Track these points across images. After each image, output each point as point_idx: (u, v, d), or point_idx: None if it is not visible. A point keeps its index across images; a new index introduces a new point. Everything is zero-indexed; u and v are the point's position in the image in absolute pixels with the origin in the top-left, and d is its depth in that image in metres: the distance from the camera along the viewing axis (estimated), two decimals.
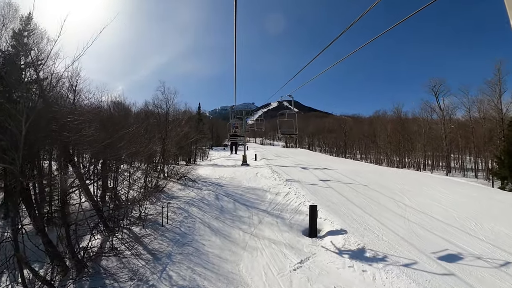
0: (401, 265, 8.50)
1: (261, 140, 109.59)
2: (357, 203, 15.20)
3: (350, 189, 18.27)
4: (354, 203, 15.17)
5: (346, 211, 13.90)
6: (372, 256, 9.28)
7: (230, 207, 14.92)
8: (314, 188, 17.93)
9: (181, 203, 15.50)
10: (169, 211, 14.20)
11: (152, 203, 16.93)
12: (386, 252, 9.43)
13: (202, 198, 16.19)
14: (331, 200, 15.30)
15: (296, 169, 26.68)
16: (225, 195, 16.83)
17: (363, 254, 9.49)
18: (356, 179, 21.85)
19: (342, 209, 14.01)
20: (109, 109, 22.82)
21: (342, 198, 15.96)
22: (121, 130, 21.37)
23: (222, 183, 20.19)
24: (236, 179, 21.84)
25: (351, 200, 15.53)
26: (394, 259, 8.83)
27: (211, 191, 17.65)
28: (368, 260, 9.07)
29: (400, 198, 16.80)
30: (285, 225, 12.63)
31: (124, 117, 21.74)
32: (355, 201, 15.46)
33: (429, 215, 13.70)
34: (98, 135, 18.38)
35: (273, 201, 15.77)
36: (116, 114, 22.49)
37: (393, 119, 43.05)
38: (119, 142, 19.34)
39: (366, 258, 9.22)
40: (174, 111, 26.33)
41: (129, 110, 28.76)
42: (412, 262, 8.66)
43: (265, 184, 19.58)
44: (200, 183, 20.33)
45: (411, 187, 20.18)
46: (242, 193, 17.34)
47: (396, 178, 24.20)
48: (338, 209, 13.98)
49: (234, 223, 12.86)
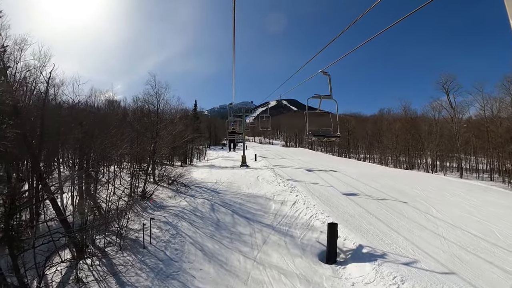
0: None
1: (260, 139, 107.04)
2: (379, 215, 12.80)
3: (367, 197, 15.87)
4: (375, 215, 12.78)
5: (368, 227, 11.51)
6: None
7: (228, 220, 12.45)
8: (325, 196, 15.51)
9: (170, 215, 13.00)
10: (154, 227, 11.71)
11: (137, 214, 14.44)
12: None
13: (195, 209, 13.68)
14: (349, 212, 12.89)
15: (300, 172, 24.25)
16: (222, 204, 14.35)
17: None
18: (370, 184, 19.47)
19: (364, 225, 11.61)
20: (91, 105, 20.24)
21: (360, 209, 13.55)
22: (104, 129, 18.88)
23: (219, 189, 17.69)
24: (235, 183, 19.36)
25: (372, 212, 13.13)
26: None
27: (206, 200, 15.15)
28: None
29: (424, 207, 14.48)
30: (296, 246, 10.20)
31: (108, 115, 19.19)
32: (376, 213, 13.07)
33: (465, 231, 11.44)
34: (73, 134, 15.97)
35: (279, 213, 13.33)
36: (100, 111, 19.90)
37: (401, 117, 40.68)
38: (101, 142, 16.82)
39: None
40: (166, 107, 23.80)
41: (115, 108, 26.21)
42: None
43: (268, 190, 17.13)
44: (194, 189, 17.82)
45: (432, 193, 17.90)
46: (242, 202, 14.88)
47: (411, 182, 21.84)
48: (359, 225, 11.58)
49: (233, 244, 10.40)
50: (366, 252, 9.48)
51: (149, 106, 22.06)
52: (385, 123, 46.46)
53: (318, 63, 8.07)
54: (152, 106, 21.87)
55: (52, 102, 16.71)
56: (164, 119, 23.11)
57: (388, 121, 45.30)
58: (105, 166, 18.11)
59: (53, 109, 15.82)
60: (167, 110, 23.47)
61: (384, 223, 11.98)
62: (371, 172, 26.52)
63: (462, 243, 10.21)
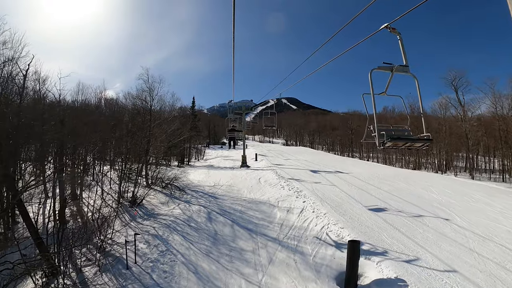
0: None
1: (260, 137, 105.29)
2: (400, 226, 11.18)
3: (381, 202, 14.25)
4: (396, 226, 11.15)
5: (390, 240, 9.88)
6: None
7: (227, 233, 10.79)
8: (336, 202, 13.88)
9: (160, 226, 11.34)
10: (142, 241, 10.07)
11: (125, 224, 12.79)
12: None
13: (189, 219, 12.01)
14: (365, 223, 11.25)
15: (305, 173, 22.62)
16: (220, 212, 12.68)
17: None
18: (383, 187, 17.87)
19: (384, 238, 9.99)
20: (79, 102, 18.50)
21: (377, 218, 11.92)
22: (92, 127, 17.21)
23: (217, 194, 16.02)
24: (235, 187, 17.71)
25: (391, 222, 11.50)
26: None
27: (202, 207, 13.47)
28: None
29: (447, 215, 12.90)
30: (308, 266, 8.56)
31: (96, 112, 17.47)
32: (396, 223, 11.44)
33: (498, 244, 9.88)
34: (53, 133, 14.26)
35: (285, 223, 11.68)
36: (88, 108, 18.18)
37: (409, 116, 38.88)
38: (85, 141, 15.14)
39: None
40: (160, 103, 21.89)
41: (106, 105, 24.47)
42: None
43: (271, 195, 15.47)
44: (189, 194, 16.14)
45: (451, 198, 16.33)
46: (243, 209, 13.22)
47: (425, 184, 20.21)
48: (379, 238, 9.96)
49: (233, 263, 8.76)
50: (395, 278, 7.87)
51: (141, 102, 20.29)
52: (392, 122, 44.74)
53: (317, 61, 7.85)
54: (145, 103, 20.11)
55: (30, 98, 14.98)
56: (158, 116, 21.33)
57: (394, 119, 43.60)
58: (88, 168, 16.45)
59: (31, 106, 14.12)
60: (161, 107, 21.59)
61: (407, 236, 10.37)
62: (380, 173, 24.87)
63: (498, 260, 8.66)
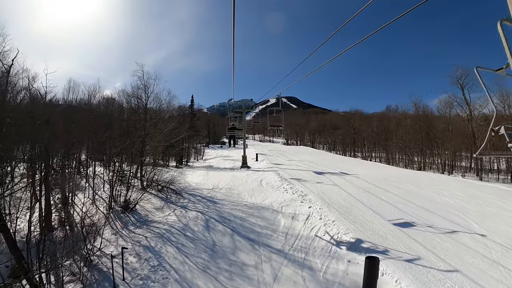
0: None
1: (260, 137, 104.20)
2: (415, 235, 10.15)
3: (393, 208, 13.23)
4: (412, 235, 10.14)
5: (407, 252, 8.87)
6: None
7: (226, 243, 9.77)
8: (344, 208, 12.85)
9: (153, 236, 10.32)
10: (132, 253, 9.05)
11: (115, 232, 11.76)
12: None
13: (185, 227, 10.98)
14: (378, 232, 10.23)
15: (308, 174, 21.60)
16: (219, 219, 11.64)
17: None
18: (392, 190, 16.84)
19: (401, 249, 8.97)
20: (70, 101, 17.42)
21: (391, 227, 10.90)
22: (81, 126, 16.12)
23: (216, 198, 14.99)
24: (235, 190, 16.69)
25: (406, 231, 10.47)
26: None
27: (200, 213, 12.44)
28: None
29: (463, 222, 11.89)
30: (319, 285, 7.55)
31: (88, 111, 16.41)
32: (411, 232, 10.43)
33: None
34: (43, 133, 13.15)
35: (291, 232, 10.66)
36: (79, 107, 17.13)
37: (412, 115, 37.99)
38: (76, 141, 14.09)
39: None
40: (156, 101, 20.68)
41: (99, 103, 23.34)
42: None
43: (274, 199, 14.45)
44: (186, 198, 15.12)
45: (464, 202, 15.31)
46: (244, 215, 12.19)
47: (435, 187, 19.20)
48: (396, 250, 8.95)
49: (233, 281, 7.75)
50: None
51: (136, 100, 19.18)
52: (394, 121, 43.76)
53: (317, 60, 7.83)
54: (140, 101, 18.99)
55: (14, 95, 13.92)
56: (154, 115, 20.22)
57: (397, 119, 42.58)
58: (79, 170, 15.41)
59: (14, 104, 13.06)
60: (157, 105, 20.42)
61: (425, 247, 9.35)
62: (386, 174, 23.85)
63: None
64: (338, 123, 70.57)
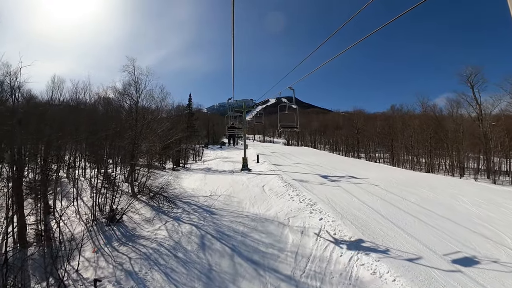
0: None
1: (261, 137, 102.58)
2: (450, 254, 8.54)
3: (417, 221, 11.58)
4: (444, 255, 8.51)
5: (441, 278, 7.28)
6: None
7: (225, 268, 8.13)
8: (361, 220, 11.21)
9: (138, 257, 8.68)
10: (112, 281, 7.42)
11: (97, 250, 10.13)
12: None
13: (176, 245, 9.34)
14: (403, 249, 8.60)
15: (314, 178, 19.98)
16: (216, 235, 10.01)
17: None
18: (408, 197, 15.23)
19: (436, 276, 7.37)
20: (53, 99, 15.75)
21: (417, 244, 9.28)
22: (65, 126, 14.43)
23: (214, 207, 13.36)
24: (235, 197, 15.07)
25: (436, 249, 8.81)
26: None
27: (195, 227, 10.79)
28: None
29: (494, 235, 10.28)
30: None
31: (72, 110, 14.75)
32: (442, 250, 8.79)
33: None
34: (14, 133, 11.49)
35: (301, 251, 9.04)
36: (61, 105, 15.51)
37: (420, 115, 36.39)
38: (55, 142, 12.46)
39: None
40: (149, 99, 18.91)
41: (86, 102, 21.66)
42: None
43: (279, 208, 12.84)
44: (180, 207, 13.48)
45: (488, 211, 13.72)
46: (246, 230, 10.55)
47: (452, 192, 17.59)
48: (428, 277, 7.33)
49: None
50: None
51: (127, 97, 17.45)
52: (399, 121, 42.12)
53: (316, 60, 7.86)
54: (131, 98, 17.27)
55: None
56: (148, 114, 18.54)
57: (403, 119, 40.95)
58: (58, 176, 13.78)
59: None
60: (149, 103, 18.68)
61: (463, 273, 7.74)
62: (397, 177, 22.24)
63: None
64: (339, 123, 69.03)
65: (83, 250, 10.46)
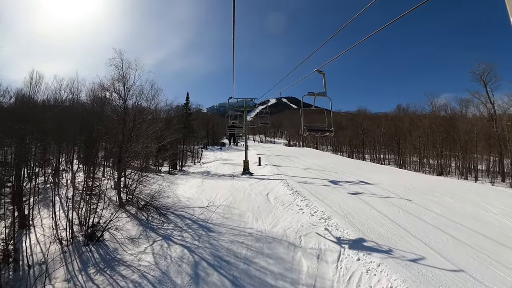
0: None
1: (261, 137, 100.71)
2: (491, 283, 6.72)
3: (449, 238, 9.74)
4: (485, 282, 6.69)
5: None
6: None
7: None
8: (386, 238, 9.35)
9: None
10: None
11: (69, 278, 8.29)
12: None
13: (162, 277, 7.49)
14: (446, 282, 6.78)
15: (322, 184, 18.19)
16: (213, 263, 8.16)
17: None
18: (431, 207, 13.32)
19: None
20: None
21: (464, 275, 7.46)
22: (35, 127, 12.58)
23: (212, 221, 11.52)
24: (236, 209, 13.24)
25: (482, 279, 7.02)
26: None
27: (187, 250, 8.94)
28: None
29: None
30: None
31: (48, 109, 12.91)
32: (486, 277, 6.98)
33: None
34: None
35: (319, 284, 7.22)
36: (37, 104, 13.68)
37: (429, 115, 34.55)
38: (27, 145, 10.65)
39: None
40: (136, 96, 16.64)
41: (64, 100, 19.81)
42: None
43: (287, 223, 11.01)
44: (172, 221, 11.63)
45: None
46: (249, 254, 8.71)
47: (475, 199, 15.67)
48: None
49: None
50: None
51: (112, 95, 15.44)
52: (407, 120, 40.32)
53: (316, 60, 7.88)
54: (118, 95, 15.29)
55: None
56: (139, 114, 16.63)
57: (411, 119, 39.15)
58: (36, 184, 11.95)
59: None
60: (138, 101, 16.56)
61: None
62: (411, 182, 20.37)
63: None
64: (343, 123, 67.19)
65: (54, 278, 8.67)
